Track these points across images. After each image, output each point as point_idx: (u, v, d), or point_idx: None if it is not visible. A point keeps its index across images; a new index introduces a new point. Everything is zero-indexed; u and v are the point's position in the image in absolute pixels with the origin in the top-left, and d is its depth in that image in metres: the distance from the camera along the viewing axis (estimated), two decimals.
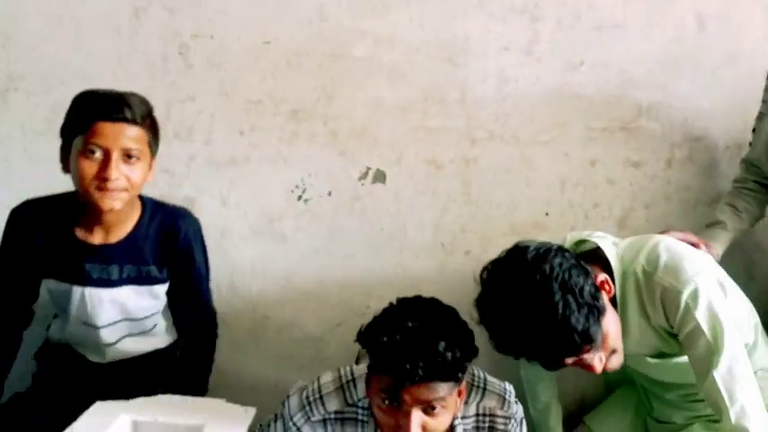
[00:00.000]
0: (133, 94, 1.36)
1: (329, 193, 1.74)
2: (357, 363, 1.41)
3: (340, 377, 1.32)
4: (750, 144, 1.58)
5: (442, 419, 1.18)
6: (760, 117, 1.56)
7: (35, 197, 1.46)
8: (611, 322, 1.21)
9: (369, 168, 1.73)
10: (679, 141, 1.68)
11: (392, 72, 1.69)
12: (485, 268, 1.24)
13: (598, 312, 1.17)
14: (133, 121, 1.32)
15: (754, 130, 1.57)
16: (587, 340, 1.14)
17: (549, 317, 1.12)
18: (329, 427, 1.29)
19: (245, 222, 1.76)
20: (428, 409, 1.15)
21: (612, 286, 1.24)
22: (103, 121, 1.29)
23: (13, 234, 1.43)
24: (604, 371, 1.23)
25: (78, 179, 1.31)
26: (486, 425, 1.30)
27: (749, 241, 1.67)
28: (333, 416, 1.29)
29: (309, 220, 1.75)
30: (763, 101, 1.55)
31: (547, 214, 1.73)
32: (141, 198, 1.46)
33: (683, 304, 1.20)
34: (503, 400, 1.31)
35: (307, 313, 1.79)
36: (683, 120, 1.68)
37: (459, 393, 1.22)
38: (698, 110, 1.68)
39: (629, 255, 1.28)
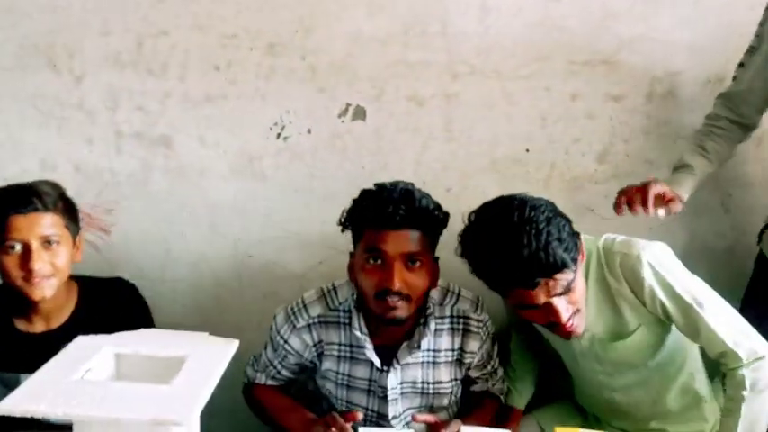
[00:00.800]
0: (41, 182, 1.39)
1: (309, 131, 1.72)
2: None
3: (321, 289, 1.45)
4: (734, 78, 1.53)
5: (420, 278, 1.28)
6: (750, 51, 1.50)
7: None
8: (579, 279, 1.23)
9: (348, 105, 1.70)
10: (660, 75, 1.66)
11: (371, 2, 1.65)
12: (473, 211, 1.27)
13: (576, 251, 1.20)
14: (45, 209, 1.34)
15: (741, 65, 1.52)
16: (563, 264, 1.16)
17: (531, 235, 1.14)
18: (314, 332, 1.40)
19: (223, 161, 1.74)
20: (408, 263, 1.26)
21: (584, 254, 1.26)
22: (16, 214, 1.31)
23: None
24: (567, 334, 1.25)
25: (5, 274, 1.34)
26: (461, 327, 1.41)
27: (726, 175, 1.69)
28: (316, 320, 1.40)
29: (289, 159, 1.74)
30: (757, 35, 1.49)
31: (527, 150, 1.73)
32: (76, 279, 1.47)
33: (644, 266, 1.25)
34: (476, 304, 1.44)
35: (288, 251, 1.79)
36: (664, 53, 1.66)
37: (438, 274, 1.35)
38: (679, 43, 1.66)
39: (591, 240, 1.33)
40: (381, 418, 1.42)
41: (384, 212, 1.25)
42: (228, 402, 1.57)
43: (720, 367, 1.27)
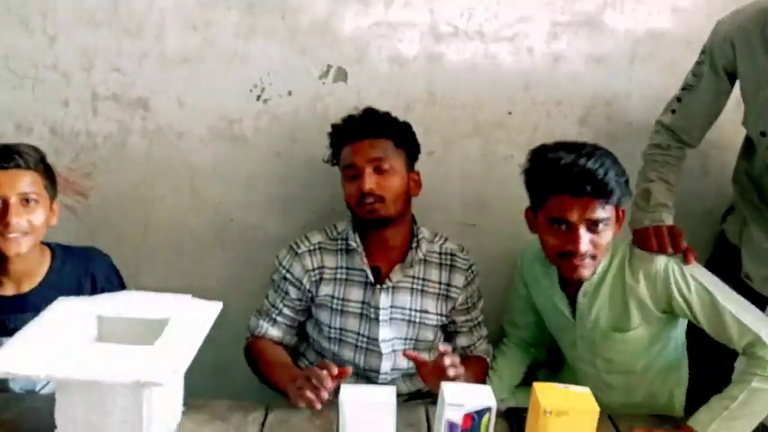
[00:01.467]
0: (22, 144, 1.40)
1: (289, 93, 1.70)
2: None
3: (322, 227, 1.58)
4: (672, 111, 1.52)
5: (391, 180, 1.45)
6: (688, 88, 1.50)
7: None
8: (609, 233, 1.31)
9: (330, 66, 1.68)
10: (642, 37, 1.66)
11: None
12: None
13: (622, 196, 1.31)
14: (26, 167, 1.36)
15: (679, 99, 1.51)
16: (611, 193, 1.27)
17: (600, 158, 1.27)
18: (314, 258, 1.52)
19: (202, 124, 1.72)
20: (377, 168, 1.44)
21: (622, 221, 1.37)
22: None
23: None
24: (575, 268, 1.31)
25: None
26: (449, 262, 1.54)
27: (705, 138, 1.70)
28: (317, 246, 1.53)
29: (270, 122, 1.72)
30: (694, 74, 1.49)
31: (510, 113, 1.72)
32: (50, 246, 1.47)
33: (671, 265, 1.35)
34: (462, 248, 1.57)
35: (271, 216, 1.79)
36: (646, 15, 1.66)
37: (416, 182, 1.53)
38: (662, 4, 1.65)
39: (618, 240, 1.41)
40: (371, 343, 1.49)
41: (349, 127, 1.48)
42: (213, 364, 1.59)
43: (744, 356, 1.32)
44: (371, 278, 1.49)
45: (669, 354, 1.47)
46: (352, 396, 1.05)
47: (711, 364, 1.46)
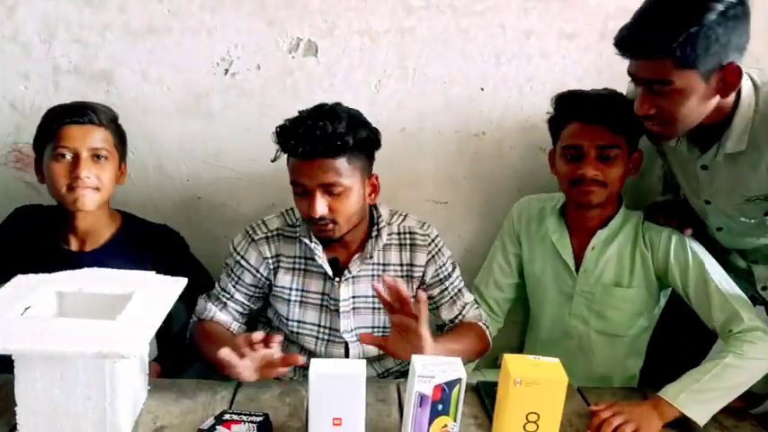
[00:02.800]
0: (97, 104, 1.46)
1: (258, 67, 1.66)
2: None
3: (280, 211, 1.49)
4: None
5: (345, 201, 1.32)
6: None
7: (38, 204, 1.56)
8: (618, 168, 1.42)
9: (299, 40, 1.65)
10: (613, 12, 1.66)
11: None
12: None
13: (634, 136, 1.43)
14: (99, 124, 1.41)
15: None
16: (619, 123, 1.37)
17: (615, 93, 1.43)
18: (272, 245, 1.45)
19: (168, 98, 1.68)
20: (329, 190, 1.30)
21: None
22: (70, 125, 1.38)
23: (3, 231, 1.51)
24: (585, 193, 1.42)
25: (51, 183, 1.40)
26: (408, 242, 1.46)
27: None
28: (275, 233, 1.45)
29: (238, 96, 1.68)
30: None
31: (482, 89, 1.71)
32: (122, 213, 1.53)
33: (667, 236, 1.44)
34: (422, 223, 1.49)
35: (239, 193, 1.76)
36: None
37: (374, 187, 1.41)
38: None
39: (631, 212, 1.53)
40: (333, 334, 1.45)
41: (295, 144, 1.28)
42: None
43: (721, 338, 1.36)
44: (330, 273, 1.42)
45: (646, 334, 1.58)
46: (322, 369, 1.03)
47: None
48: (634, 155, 1.45)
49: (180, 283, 1.22)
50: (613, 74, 1.68)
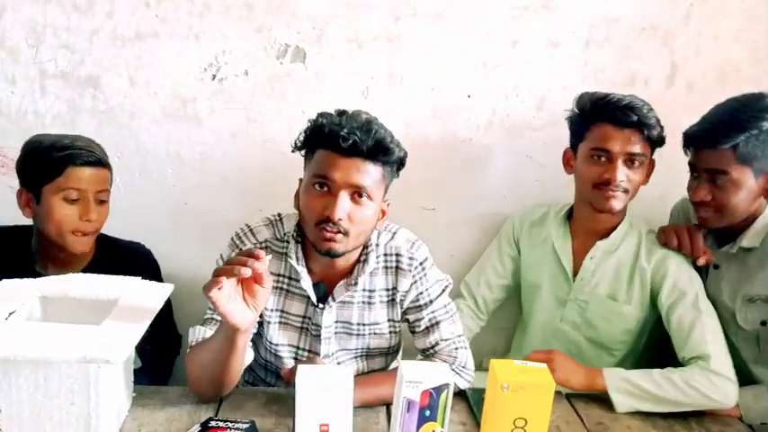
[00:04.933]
0: (88, 139, 1.42)
1: (246, 73, 1.66)
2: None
3: (268, 218, 1.38)
4: None
5: (365, 212, 1.22)
6: None
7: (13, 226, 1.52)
8: (641, 173, 1.44)
9: (287, 46, 1.65)
10: (597, 22, 1.68)
11: None
12: None
13: (659, 139, 1.45)
14: (105, 165, 1.41)
15: None
16: (654, 132, 1.42)
17: (644, 102, 1.44)
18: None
19: (155, 104, 1.67)
20: (355, 195, 1.20)
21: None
22: (82, 166, 1.36)
23: None
24: (607, 199, 1.42)
25: (55, 224, 1.36)
26: (394, 264, 1.34)
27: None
28: (264, 245, 1.32)
29: (225, 102, 1.68)
30: None
31: (469, 96, 1.72)
32: (97, 237, 1.48)
33: (671, 258, 1.45)
34: (411, 243, 1.36)
35: (226, 199, 1.75)
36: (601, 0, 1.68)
37: (383, 214, 1.30)
38: None
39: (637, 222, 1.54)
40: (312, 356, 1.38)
41: (339, 135, 1.17)
42: None
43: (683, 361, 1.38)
44: (314, 299, 1.32)
45: (633, 354, 1.57)
46: (309, 378, 1.03)
47: None
48: (650, 164, 1.48)
49: (166, 289, 1.22)
50: (597, 81, 1.72)
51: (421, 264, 1.34)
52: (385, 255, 1.34)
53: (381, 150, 1.20)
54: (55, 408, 1.01)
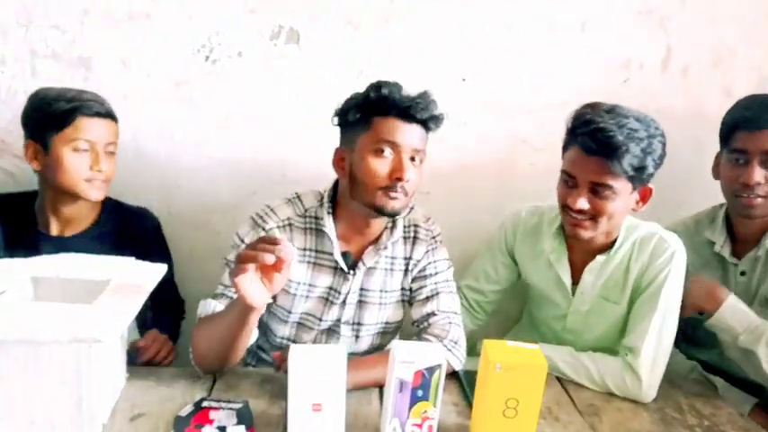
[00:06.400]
0: (95, 93, 1.43)
1: (239, 54, 1.65)
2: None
3: (285, 197, 1.40)
4: None
5: (419, 176, 1.32)
6: None
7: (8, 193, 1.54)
8: (618, 204, 1.31)
9: (281, 27, 1.64)
10: (593, 5, 1.67)
11: None
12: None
13: (641, 183, 1.31)
14: (113, 117, 1.43)
15: None
16: (624, 165, 1.25)
17: (629, 129, 1.25)
18: (284, 235, 1.36)
19: (148, 85, 1.65)
20: (413, 158, 1.29)
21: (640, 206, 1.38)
22: (91, 117, 1.38)
23: None
24: (573, 227, 1.35)
25: (65, 173, 1.38)
26: (411, 235, 1.44)
27: (654, 107, 1.73)
28: (286, 222, 1.36)
29: (219, 83, 1.66)
30: None
31: (464, 79, 1.71)
32: (104, 198, 1.49)
33: (668, 252, 1.37)
34: (427, 218, 1.47)
35: (219, 181, 1.74)
36: None
37: None
38: None
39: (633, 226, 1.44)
40: (334, 324, 1.42)
41: (404, 104, 1.26)
42: None
43: (619, 347, 1.40)
44: (343, 266, 1.37)
45: None
46: (302, 354, 1.03)
47: None
48: (643, 191, 1.39)
49: (160, 269, 1.21)
50: (593, 65, 1.71)
51: (434, 237, 1.45)
52: (405, 226, 1.43)
53: (434, 118, 1.30)
54: (46, 387, 1.00)
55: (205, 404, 1.10)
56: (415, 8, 1.64)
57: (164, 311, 1.50)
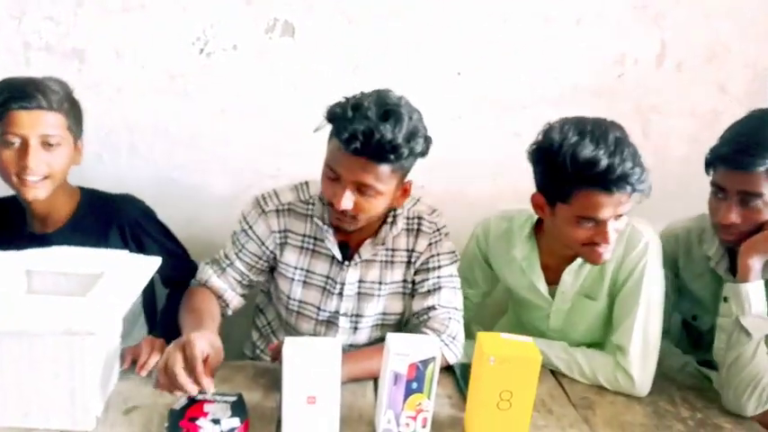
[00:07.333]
0: (49, 79, 1.33)
1: (234, 47, 1.64)
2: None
3: (294, 183, 1.42)
4: None
5: (374, 202, 1.25)
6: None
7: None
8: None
9: (276, 20, 1.63)
10: None
11: None
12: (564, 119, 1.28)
13: (643, 189, 1.24)
14: (49, 108, 1.29)
15: None
16: (641, 191, 1.22)
17: (632, 154, 1.20)
18: (281, 219, 1.39)
19: (142, 78, 1.65)
20: (362, 188, 1.23)
21: None
22: (18, 109, 1.26)
23: None
24: (599, 256, 1.29)
25: (2, 171, 1.31)
26: (415, 227, 1.41)
27: (646, 102, 1.74)
28: (286, 207, 1.38)
29: (213, 76, 1.66)
30: None
31: (459, 74, 1.71)
32: (81, 190, 1.45)
33: (642, 242, 1.36)
34: (432, 210, 1.44)
35: (214, 175, 1.74)
36: None
37: (404, 191, 1.33)
38: None
39: None
40: (331, 315, 1.42)
41: (343, 138, 1.17)
42: None
43: (607, 347, 1.40)
44: (338, 256, 1.38)
45: None
46: (296, 349, 1.03)
47: None
48: None
49: (154, 262, 1.21)
50: (590, 60, 1.71)
51: (439, 229, 1.42)
52: (407, 218, 1.41)
53: (386, 154, 1.18)
54: (39, 380, 1.00)
55: (199, 397, 1.10)
56: (410, 2, 1.64)
57: (182, 287, 1.48)
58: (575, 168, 1.20)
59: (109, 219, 1.43)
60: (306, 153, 1.67)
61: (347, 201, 1.22)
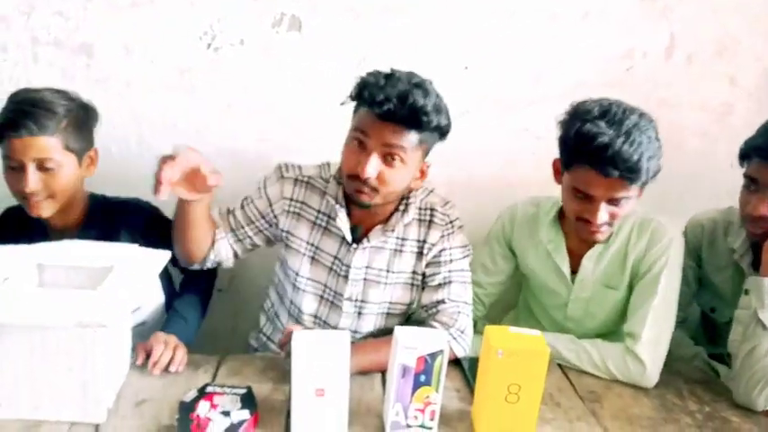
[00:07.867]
0: (52, 94, 1.33)
1: (241, 42, 1.64)
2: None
3: (318, 163, 1.44)
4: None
5: (397, 174, 1.27)
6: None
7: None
8: (630, 204, 1.29)
9: (283, 14, 1.63)
10: None
11: None
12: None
13: (650, 179, 1.26)
14: (42, 133, 1.29)
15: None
16: (639, 180, 1.23)
17: (638, 140, 1.20)
18: (297, 189, 1.41)
19: (150, 72, 1.65)
20: (388, 157, 1.24)
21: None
22: (12, 138, 1.28)
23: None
24: (593, 234, 1.33)
25: (10, 189, 1.35)
26: (427, 218, 1.42)
27: (656, 95, 1.73)
28: (305, 179, 1.41)
29: (221, 71, 1.66)
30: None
31: (466, 68, 1.71)
32: (93, 197, 1.48)
33: (666, 238, 1.37)
34: (445, 202, 1.44)
35: (221, 169, 1.71)
36: None
37: (422, 173, 1.35)
38: None
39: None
40: (336, 297, 1.43)
41: (375, 101, 1.20)
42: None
43: (619, 336, 1.42)
44: (349, 238, 1.38)
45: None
46: (305, 339, 1.03)
47: None
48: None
49: (164, 256, 1.22)
50: (595, 53, 1.71)
51: (452, 222, 1.41)
52: (420, 209, 1.41)
53: (417, 119, 1.22)
54: (51, 373, 1.01)
55: (209, 389, 1.11)
56: None
57: (195, 275, 1.50)
58: (576, 140, 1.25)
59: (119, 225, 1.45)
60: (313, 146, 1.70)
61: (372, 168, 1.23)
